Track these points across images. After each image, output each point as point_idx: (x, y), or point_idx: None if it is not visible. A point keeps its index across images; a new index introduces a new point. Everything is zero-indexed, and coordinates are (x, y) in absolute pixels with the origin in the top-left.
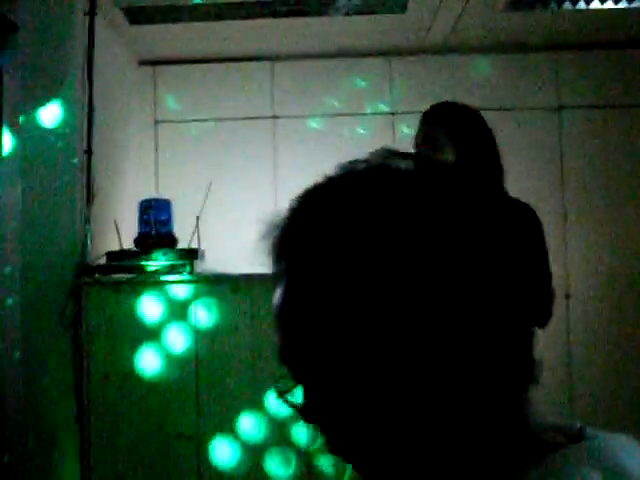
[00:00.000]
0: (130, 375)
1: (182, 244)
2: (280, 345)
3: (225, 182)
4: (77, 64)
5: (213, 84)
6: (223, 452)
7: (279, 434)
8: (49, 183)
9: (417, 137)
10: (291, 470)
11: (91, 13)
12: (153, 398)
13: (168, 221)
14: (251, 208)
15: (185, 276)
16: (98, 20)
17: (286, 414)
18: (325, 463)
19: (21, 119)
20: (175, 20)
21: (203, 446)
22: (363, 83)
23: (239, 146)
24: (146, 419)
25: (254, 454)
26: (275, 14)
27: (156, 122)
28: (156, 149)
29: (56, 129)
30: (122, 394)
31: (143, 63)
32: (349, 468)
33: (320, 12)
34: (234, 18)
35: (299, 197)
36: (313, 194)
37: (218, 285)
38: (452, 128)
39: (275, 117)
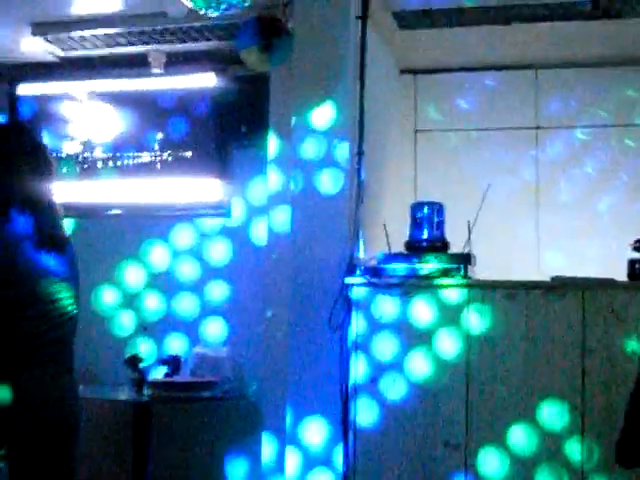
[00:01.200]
0: (398, 378)
1: (453, 249)
2: None
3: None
4: (350, 67)
5: (474, 93)
6: (491, 464)
7: (551, 448)
8: (320, 183)
9: None
10: None
11: (363, 17)
12: (421, 403)
13: (440, 224)
14: (512, 218)
15: (459, 280)
16: (368, 24)
17: (559, 427)
18: None
19: (294, 120)
20: (443, 25)
21: (471, 456)
22: (634, 94)
23: (499, 156)
24: (412, 424)
25: (524, 468)
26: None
27: (416, 131)
28: (415, 156)
29: (328, 130)
30: (386, 397)
31: (404, 71)
32: None
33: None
34: (499, 23)
35: None
36: None
37: (492, 291)
38: None
39: (538, 128)
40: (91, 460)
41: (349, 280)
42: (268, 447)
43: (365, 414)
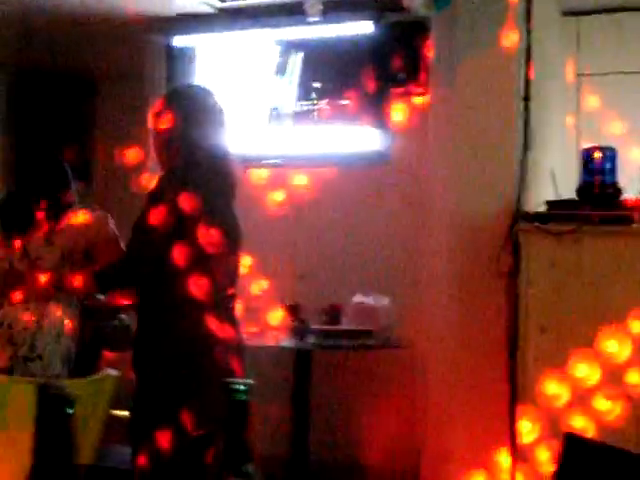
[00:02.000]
0: (572, 330)
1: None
2: None
3: None
4: (513, 11)
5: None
6: None
7: None
8: (483, 128)
9: None
10: None
11: None
12: None
13: (612, 170)
14: None
15: (633, 227)
16: None
17: None
18: None
19: (456, 64)
20: None
21: None
22: None
23: None
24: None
25: None
26: None
27: (579, 75)
28: (578, 101)
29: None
30: (560, 347)
31: (566, 14)
32: None
33: None
34: None
35: None
36: None
37: None
38: None
39: None
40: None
41: (517, 227)
42: (428, 395)
43: None
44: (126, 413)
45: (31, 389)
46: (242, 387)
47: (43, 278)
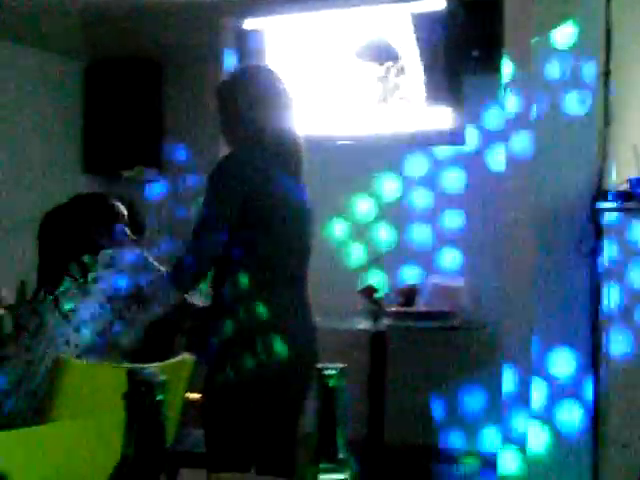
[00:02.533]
0: None
1: None
2: None
3: None
4: None
5: None
6: None
7: None
8: (564, 104)
9: None
10: None
11: None
12: None
13: None
14: None
15: None
16: None
17: None
18: None
19: (534, 41)
20: None
21: None
22: None
23: None
24: None
25: None
26: None
27: None
28: None
29: (572, 49)
30: None
31: None
32: None
33: None
34: None
35: None
36: None
37: None
38: None
39: None
40: None
41: (599, 205)
42: (509, 378)
43: (618, 344)
44: (198, 396)
45: (117, 374)
46: (334, 372)
47: None
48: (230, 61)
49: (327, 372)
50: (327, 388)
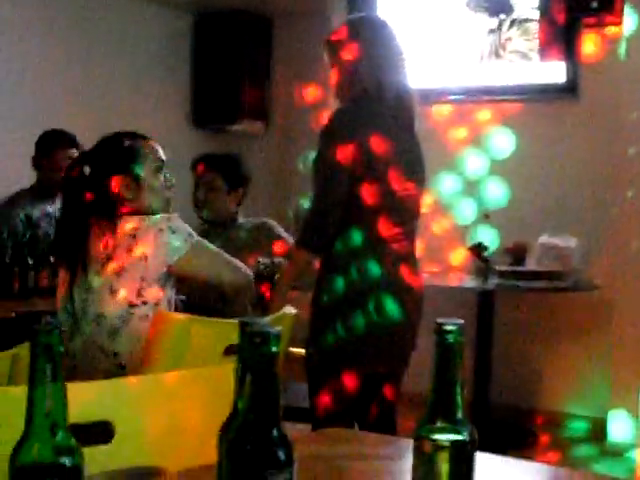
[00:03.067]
0: None
1: None
2: None
3: None
4: None
5: None
6: None
7: None
8: None
9: None
10: None
11: None
12: None
13: None
14: None
15: None
16: None
17: None
18: None
19: None
20: None
21: None
22: None
23: None
24: None
25: None
26: None
27: None
28: None
29: None
30: None
31: None
32: None
33: None
34: None
35: None
36: None
37: None
38: None
39: None
40: None
41: None
42: (620, 341)
43: None
44: (302, 351)
45: (213, 326)
46: (454, 327)
47: None
48: (340, 14)
49: (447, 327)
50: (447, 344)
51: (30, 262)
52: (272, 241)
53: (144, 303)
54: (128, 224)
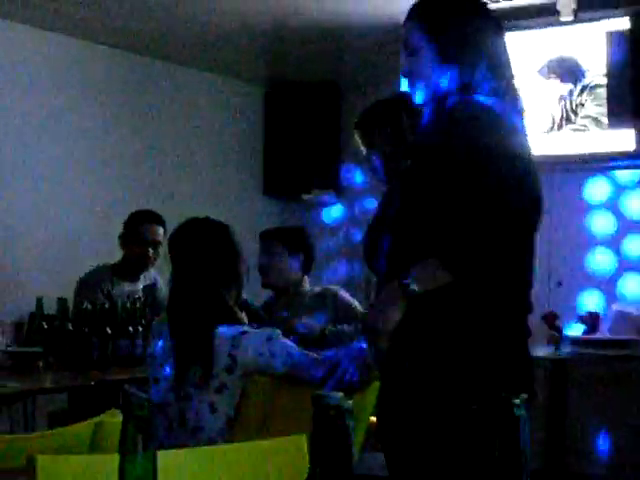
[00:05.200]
0: None
1: None
2: None
3: None
4: None
5: None
6: None
7: None
8: None
9: None
10: None
11: None
12: None
13: None
14: None
15: None
16: None
17: None
18: None
19: None
20: None
21: None
22: None
23: None
24: None
25: None
26: None
27: None
28: None
29: None
30: None
31: None
32: None
33: None
34: None
35: None
36: None
37: None
38: None
39: None
40: None
41: None
42: None
43: None
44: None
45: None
46: (519, 400)
47: None
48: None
49: (513, 400)
50: (512, 417)
51: (109, 332)
52: (337, 307)
53: None
54: None
